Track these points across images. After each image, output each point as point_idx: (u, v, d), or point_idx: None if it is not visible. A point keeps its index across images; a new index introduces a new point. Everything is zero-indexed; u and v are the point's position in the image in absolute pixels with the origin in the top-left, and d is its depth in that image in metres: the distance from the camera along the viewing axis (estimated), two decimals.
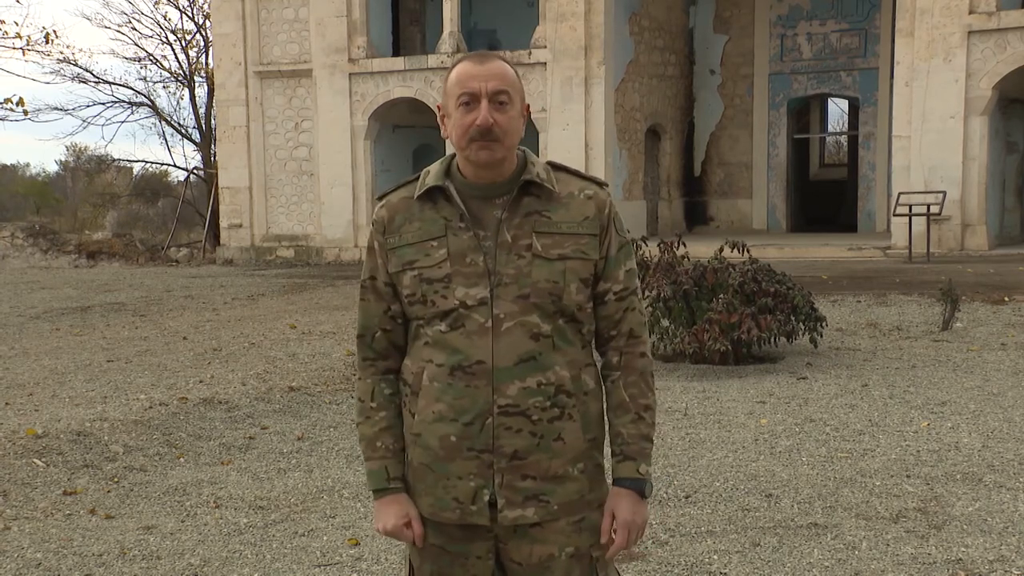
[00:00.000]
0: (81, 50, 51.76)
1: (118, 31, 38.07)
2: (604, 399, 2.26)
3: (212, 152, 26.28)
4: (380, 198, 2.28)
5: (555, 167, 2.24)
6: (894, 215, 16.44)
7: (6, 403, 7.37)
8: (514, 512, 2.15)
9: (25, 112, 23.09)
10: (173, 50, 31.09)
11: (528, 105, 2.23)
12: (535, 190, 2.17)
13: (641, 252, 8.24)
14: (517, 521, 2.15)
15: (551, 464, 2.15)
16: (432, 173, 2.20)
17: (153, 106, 28.87)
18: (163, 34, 29.99)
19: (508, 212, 2.15)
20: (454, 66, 2.17)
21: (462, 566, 2.22)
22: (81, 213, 32.97)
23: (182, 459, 5.94)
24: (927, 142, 16.28)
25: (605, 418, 2.27)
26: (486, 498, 2.15)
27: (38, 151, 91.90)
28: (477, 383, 2.12)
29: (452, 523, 2.18)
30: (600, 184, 2.24)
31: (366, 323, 2.27)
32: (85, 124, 33.23)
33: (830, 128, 28.51)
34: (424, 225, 2.17)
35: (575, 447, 2.17)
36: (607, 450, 2.28)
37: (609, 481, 2.27)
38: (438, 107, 2.22)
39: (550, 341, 2.14)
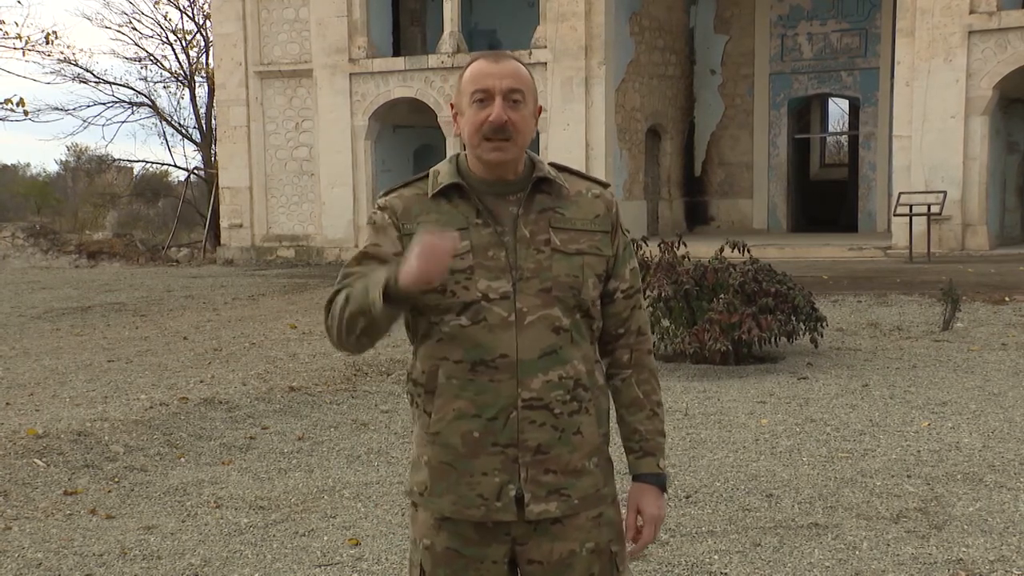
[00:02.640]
0: (81, 50, 51.76)
1: (118, 31, 38.04)
2: (613, 396, 2.28)
3: (212, 152, 26.27)
4: (386, 193, 2.23)
5: (558, 168, 2.25)
6: (895, 215, 16.43)
7: (7, 403, 7.37)
8: (539, 507, 2.14)
9: (25, 112, 23.12)
10: (173, 50, 31.12)
11: (541, 107, 2.23)
12: (547, 188, 2.19)
13: (642, 252, 8.25)
14: (542, 515, 2.15)
15: (571, 458, 2.16)
16: (444, 172, 2.20)
17: (153, 106, 28.88)
18: (163, 34, 29.98)
19: (523, 209, 2.16)
20: (468, 65, 2.18)
21: (476, 570, 2.19)
22: (81, 213, 32.96)
23: (183, 459, 5.94)
24: (928, 142, 16.27)
25: (610, 415, 2.28)
26: (512, 493, 2.13)
27: (38, 151, 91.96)
28: (500, 377, 2.11)
29: (476, 521, 2.16)
30: (604, 184, 2.28)
31: (362, 279, 2.11)
32: (85, 124, 33.18)
33: (831, 128, 28.49)
34: (442, 217, 2.15)
35: (591, 441, 2.19)
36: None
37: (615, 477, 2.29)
38: (451, 105, 2.23)
39: (569, 335, 2.15)
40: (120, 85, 28.88)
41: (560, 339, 2.14)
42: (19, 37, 25.09)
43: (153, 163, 31.71)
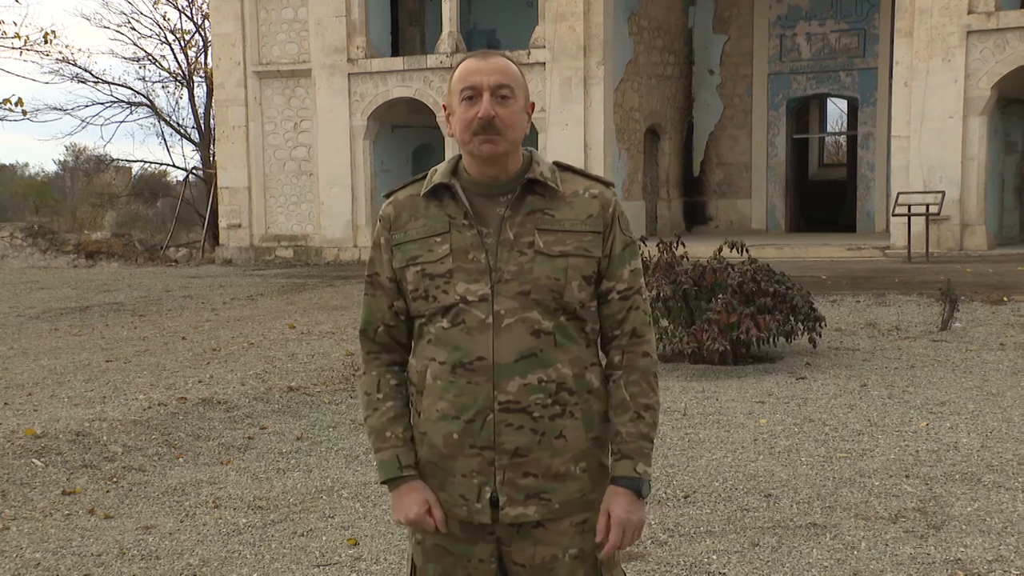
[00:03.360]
0: (80, 50, 51.71)
1: (117, 31, 38.14)
2: (609, 398, 2.25)
3: (211, 152, 26.26)
4: (387, 195, 2.29)
5: (561, 167, 2.26)
6: (893, 215, 16.44)
7: (5, 403, 7.37)
8: (515, 510, 2.15)
9: (24, 112, 23.08)
10: (172, 50, 31.04)
11: (533, 103, 2.24)
12: (539, 188, 2.18)
13: (641, 252, 8.24)
14: (518, 519, 2.15)
15: (552, 462, 2.15)
16: (439, 171, 2.22)
17: (152, 106, 28.86)
18: (162, 34, 29.99)
19: (511, 210, 2.16)
20: (458, 65, 2.20)
21: (464, 568, 2.21)
22: (80, 213, 32.91)
23: (181, 459, 5.93)
24: (926, 142, 16.28)
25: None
26: (488, 496, 2.14)
27: (37, 151, 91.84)
28: (478, 379, 2.12)
29: (460, 520, 2.18)
30: (606, 184, 2.26)
31: (369, 318, 2.28)
32: (84, 124, 33.26)
33: (829, 128, 28.51)
34: (428, 222, 2.19)
35: (577, 446, 2.17)
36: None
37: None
38: (443, 106, 2.24)
39: (551, 338, 2.14)
40: (119, 85, 28.88)
41: (540, 342, 2.13)
42: (18, 36, 25.07)
43: (152, 163, 31.69)
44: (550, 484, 2.16)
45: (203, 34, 27.49)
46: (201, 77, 28.19)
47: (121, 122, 36.48)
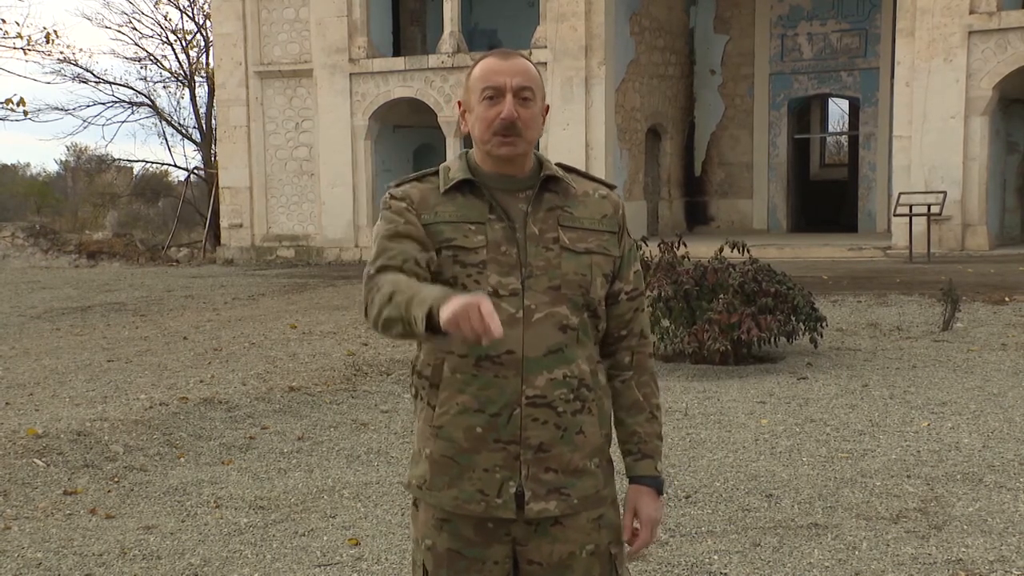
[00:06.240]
0: (82, 50, 51.69)
1: (118, 31, 38.09)
2: (613, 398, 2.28)
3: (212, 152, 26.27)
4: (398, 184, 2.22)
5: (564, 168, 2.26)
6: (894, 215, 16.43)
7: (6, 403, 7.38)
8: (539, 505, 2.14)
9: (25, 112, 23.08)
10: (173, 50, 31.12)
11: (548, 105, 2.24)
12: (554, 186, 2.19)
13: (642, 252, 8.25)
14: (540, 514, 2.14)
15: (572, 457, 2.16)
16: (454, 168, 2.20)
17: (153, 106, 28.88)
18: (163, 34, 29.99)
19: (532, 206, 2.16)
20: (477, 63, 2.18)
21: (479, 571, 2.19)
22: (81, 213, 32.91)
23: (182, 459, 5.94)
24: (928, 142, 16.28)
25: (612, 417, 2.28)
26: (512, 490, 2.13)
27: (38, 151, 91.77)
28: (506, 373, 2.10)
29: (476, 516, 2.15)
30: (610, 186, 2.28)
31: (401, 255, 2.08)
32: (85, 124, 33.22)
33: (831, 128, 28.50)
34: (458, 209, 2.15)
35: (593, 442, 2.19)
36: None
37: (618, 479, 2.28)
38: (458, 103, 2.23)
39: (575, 334, 2.15)
40: (120, 85, 28.89)
41: (566, 338, 2.13)
42: (19, 36, 25.07)
43: (153, 163, 31.76)
44: (569, 479, 2.16)
45: (204, 34, 27.51)
46: (202, 77, 28.22)
47: (122, 122, 36.65)
